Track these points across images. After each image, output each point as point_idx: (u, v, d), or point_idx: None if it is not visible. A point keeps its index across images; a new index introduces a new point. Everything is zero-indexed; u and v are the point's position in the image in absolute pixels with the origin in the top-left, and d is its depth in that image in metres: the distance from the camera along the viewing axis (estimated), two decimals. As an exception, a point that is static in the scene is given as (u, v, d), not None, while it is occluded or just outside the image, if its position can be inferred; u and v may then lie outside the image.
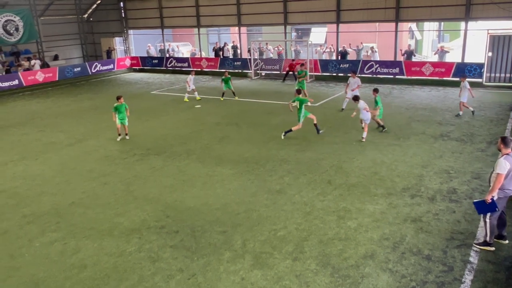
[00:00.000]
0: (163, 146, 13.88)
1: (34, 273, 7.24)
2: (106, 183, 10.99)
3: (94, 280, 6.96)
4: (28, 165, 12.71)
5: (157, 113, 18.93)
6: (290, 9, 27.69)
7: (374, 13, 25.00)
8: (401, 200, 9.37)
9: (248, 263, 7.23)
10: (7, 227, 8.91)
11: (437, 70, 23.34)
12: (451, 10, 22.91)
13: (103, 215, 9.23)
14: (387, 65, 24.83)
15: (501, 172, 6.85)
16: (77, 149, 14.11)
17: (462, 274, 6.71)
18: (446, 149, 12.53)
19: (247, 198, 9.76)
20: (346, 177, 10.75)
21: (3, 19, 26.85)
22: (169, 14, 32.53)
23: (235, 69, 29.77)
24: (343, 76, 25.92)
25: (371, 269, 6.93)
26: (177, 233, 8.33)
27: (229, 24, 31.25)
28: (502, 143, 7.10)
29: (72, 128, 16.92)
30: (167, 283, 6.80)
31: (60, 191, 10.69)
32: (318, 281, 6.69)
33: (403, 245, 7.58)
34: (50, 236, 8.46)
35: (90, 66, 31.71)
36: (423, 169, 11.10)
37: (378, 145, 13.05)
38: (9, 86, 26.37)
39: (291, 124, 14.38)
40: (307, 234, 8.09)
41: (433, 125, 15.08)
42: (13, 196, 10.51)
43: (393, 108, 17.91)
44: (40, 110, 20.58)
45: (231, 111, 18.37)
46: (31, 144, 14.80)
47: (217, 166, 11.91)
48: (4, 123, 18.16)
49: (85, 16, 35.20)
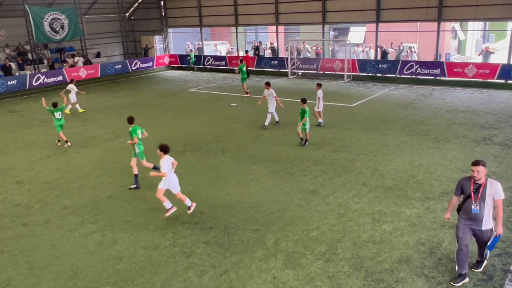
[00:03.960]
0: (199, 143, 14.07)
1: (73, 262, 7.52)
2: (143, 178, 11.24)
3: (130, 272, 7.15)
4: (69, 158, 13.18)
5: (194, 110, 19.19)
6: (328, 8, 27.42)
7: (415, 12, 24.40)
8: (439, 204, 9.10)
9: (280, 262, 7.22)
10: (49, 217, 9.29)
11: (481, 72, 22.51)
12: (498, 10, 22.03)
13: (139, 209, 9.47)
14: (427, 66, 24.16)
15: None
16: (116, 144, 14.51)
17: (502, 283, 6.45)
18: (488, 154, 12.08)
19: (280, 197, 9.76)
20: (382, 179, 10.55)
21: (50, 18, 27.91)
22: (208, 13, 32.91)
23: (272, 68, 29.78)
24: (381, 76, 25.48)
25: (406, 274, 6.78)
26: (211, 229, 8.43)
27: (267, 23, 31.30)
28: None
29: (111, 123, 17.42)
30: (199, 278, 6.90)
31: (99, 184, 11.04)
32: (350, 283, 6.61)
33: (440, 251, 7.37)
34: (89, 227, 8.75)
35: (130, 64, 32.54)
36: (464, 173, 10.73)
37: (416, 148, 12.73)
38: (53, 81, 27.47)
39: (326, 124, 14.25)
40: (341, 235, 8.00)
41: (475, 128, 14.57)
42: (55, 187, 10.94)
43: (433, 110, 17.42)
44: (81, 105, 21.28)
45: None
46: (72, 138, 15.34)
47: (252, 164, 11.95)
48: (48, 117, 18.86)
49: (126, 14, 36.13)
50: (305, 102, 13.29)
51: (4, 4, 27.71)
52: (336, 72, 26.98)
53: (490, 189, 6.15)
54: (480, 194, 6.16)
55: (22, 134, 16.25)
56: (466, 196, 6.32)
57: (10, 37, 29.68)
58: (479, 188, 6.18)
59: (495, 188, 6.16)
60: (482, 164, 6.13)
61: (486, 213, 6.20)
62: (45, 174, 11.95)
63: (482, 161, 6.19)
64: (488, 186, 6.17)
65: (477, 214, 6.20)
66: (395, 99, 19.73)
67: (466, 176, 6.45)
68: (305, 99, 13.41)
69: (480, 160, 6.21)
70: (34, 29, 27.03)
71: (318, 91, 15.24)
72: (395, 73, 25.04)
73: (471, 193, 6.22)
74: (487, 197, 6.15)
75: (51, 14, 28.08)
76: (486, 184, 6.19)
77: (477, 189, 6.20)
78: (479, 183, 6.20)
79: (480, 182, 6.19)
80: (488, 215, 6.23)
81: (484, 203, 6.16)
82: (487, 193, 6.15)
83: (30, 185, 11.15)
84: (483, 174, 6.16)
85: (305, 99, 13.38)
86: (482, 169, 6.12)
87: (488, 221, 6.25)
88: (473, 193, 6.21)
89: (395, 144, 13.19)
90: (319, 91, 15.22)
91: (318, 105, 15.34)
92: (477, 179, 6.18)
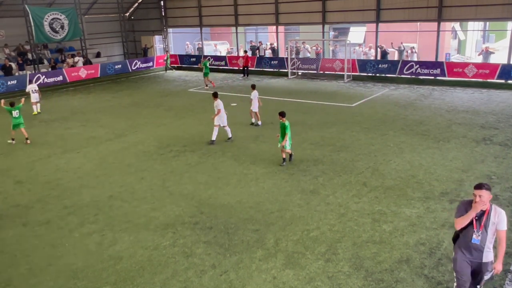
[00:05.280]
0: (199, 143, 14.07)
1: (73, 262, 7.52)
2: (143, 178, 11.25)
3: (130, 272, 7.15)
4: (70, 158, 13.18)
5: (194, 110, 19.19)
6: (328, 8, 27.40)
7: (415, 12, 24.38)
8: (439, 204, 9.11)
9: (280, 262, 7.23)
10: (50, 217, 9.29)
11: (481, 72, 22.49)
12: (498, 10, 22.01)
13: (139, 209, 9.47)
14: (427, 66, 24.15)
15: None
16: (116, 144, 14.51)
17: (502, 283, 6.46)
18: (488, 154, 12.08)
19: (280, 197, 9.76)
20: (382, 179, 10.55)
21: (50, 18, 27.90)
22: (208, 13, 32.90)
23: (272, 68, 29.78)
24: (381, 76, 25.49)
25: (406, 274, 6.78)
26: (211, 229, 8.43)
27: (267, 23, 31.28)
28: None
29: (112, 123, 17.42)
30: (199, 278, 6.90)
31: (99, 184, 11.04)
32: (350, 283, 6.61)
33: (440, 251, 7.37)
34: (89, 227, 8.75)
35: (130, 64, 32.54)
36: (463, 173, 10.74)
37: (416, 148, 12.73)
38: (53, 82, 27.46)
39: (326, 124, 14.24)
40: (341, 235, 8.00)
41: (475, 128, 14.57)
42: (55, 187, 10.94)
43: (433, 110, 17.42)
44: (82, 105, 21.30)
45: (267, 110, 18.37)
46: (73, 138, 15.35)
47: (252, 164, 11.95)
48: (48, 117, 18.91)
49: (126, 14, 36.11)
50: (284, 115, 11.49)
51: (4, 4, 27.70)
52: (336, 72, 26.97)
53: (494, 217, 5.35)
54: (483, 222, 5.36)
55: (22, 134, 16.21)
56: (467, 224, 5.49)
57: (10, 37, 29.67)
58: (482, 216, 5.37)
59: (500, 217, 5.35)
60: (486, 188, 5.27)
61: (488, 244, 5.43)
62: (45, 174, 11.95)
63: (486, 184, 5.35)
64: (492, 213, 5.37)
65: (478, 245, 5.42)
66: (395, 99, 19.73)
67: (467, 200, 5.57)
68: (284, 112, 11.56)
69: (484, 183, 5.37)
70: (34, 29, 27.02)
71: (253, 92, 16.07)
72: (395, 73, 25.04)
73: (473, 220, 5.39)
74: (491, 226, 5.37)
75: (51, 14, 28.07)
76: (491, 211, 5.38)
77: (480, 216, 5.38)
78: (482, 209, 5.37)
79: (483, 208, 5.37)
80: (490, 246, 5.46)
81: (486, 232, 5.37)
82: (491, 221, 5.36)
83: (30, 185, 11.15)
84: (487, 199, 5.30)
85: (283, 113, 11.53)
86: (486, 194, 5.26)
87: (489, 253, 5.49)
88: (475, 220, 5.38)
89: (395, 144, 13.19)
90: (254, 92, 16.04)
91: (253, 106, 16.03)
92: (483, 205, 5.33)
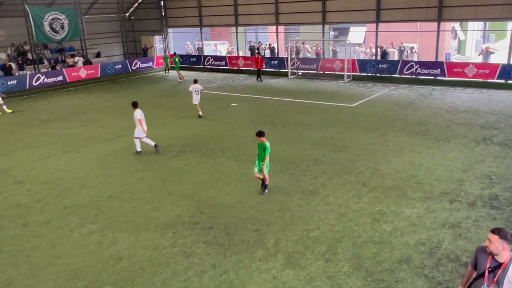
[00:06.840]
0: (199, 143, 14.07)
1: (73, 262, 7.52)
2: (143, 178, 11.25)
3: (130, 272, 7.15)
4: (70, 158, 13.18)
5: (194, 110, 19.16)
6: (328, 8, 27.39)
7: (415, 12, 24.37)
8: (439, 204, 9.11)
9: (280, 262, 7.23)
10: (49, 217, 9.29)
11: (481, 72, 22.49)
12: (498, 10, 22.00)
13: (139, 209, 9.47)
14: (427, 66, 24.15)
15: None
16: (116, 144, 14.51)
17: (502, 283, 6.46)
18: (488, 154, 12.08)
19: (280, 197, 9.76)
20: (382, 179, 10.55)
21: (50, 18, 27.90)
22: (208, 13, 32.89)
23: (272, 68, 29.77)
24: (381, 76, 25.49)
25: (406, 274, 6.78)
26: (211, 229, 8.43)
27: (267, 23, 31.27)
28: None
29: (112, 123, 17.42)
30: (199, 278, 6.90)
31: (99, 184, 11.04)
32: (350, 283, 6.61)
33: (440, 251, 7.37)
34: (89, 227, 8.75)
35: (130, 64, 32.54)
36: (464, 173, 10.75)
37: (416, 148, 12.73)
38: (53, 81, 27.46)
39: (326, 124, 14.25)
40: (341, 235, 8.00)
41: (475, 128, 14.56)
42: (55, 187, 10.94)
43: (433, 110, 17.42)
44: (82, 105, 21.30)
45: (267, 110, 18.39)
46: (73, 138, 15.34)
47: (252, 164, 11.91)
48: (48, 117, 18.91)
49: (126, 14, 36.10)
50: (263, 135, 9.62)
51: (4, 4, 27.69)
52: (336, 72, 26.97)
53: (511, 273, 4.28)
54: (498, 277, 4.31)
55: (22, 134, 16.24)
56: (479, 274, 4.51)
57: (10, 37, 29.68)
58: (498, 269, 4.33)
59: None
60: (498, 234, 4.24)
61: None
62: (45, 174, 11.95)
63: (503, 230, 4.25)
64: (510, 268, 4.28)
65: None
66: (395, 99, 19.73)
67: (483, 245, 4.50)
68: (263, 132, 9.66)
69: (500, 228, 4.29)
70: (34, 29, 27.02)
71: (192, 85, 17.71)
72: (395, 73, 25.03)
73: (486, 271, 4.40)
74: (506, 283, 4.28)
75: (51, 14, 28.06)
76: (509, 266, 4.29)
77: (495, 268, 4.35)
78: (499, 260, 4.32)
79: (500, 259, 4.31)
80: None
81: None
82: (508, 278, 4.28)
83: (30, 185, 11.14)
84: (500, 248, 4.25)
85: (262, 132, 9.64)
86: (497, 241, 4.23)
87: None
88: (488, 272, 4.38)
89: (395, 144, 13.19)
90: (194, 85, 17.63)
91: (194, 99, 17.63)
92: (489, 251, 4.33)
